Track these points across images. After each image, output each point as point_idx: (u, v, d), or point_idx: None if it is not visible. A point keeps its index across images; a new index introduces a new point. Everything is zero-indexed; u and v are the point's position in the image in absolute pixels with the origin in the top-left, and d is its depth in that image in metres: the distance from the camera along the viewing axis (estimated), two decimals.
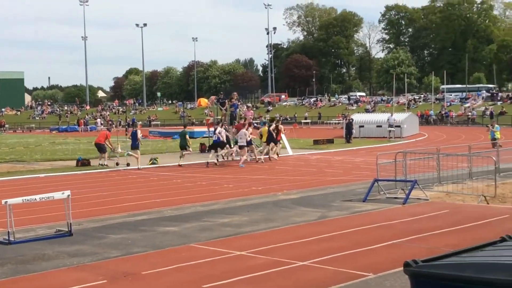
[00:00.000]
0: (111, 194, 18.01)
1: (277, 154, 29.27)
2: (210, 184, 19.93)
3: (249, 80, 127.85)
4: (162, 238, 11.57)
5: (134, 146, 26.16)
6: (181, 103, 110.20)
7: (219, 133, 27.13)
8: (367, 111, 72.26)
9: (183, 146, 27.47)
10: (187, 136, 28.07)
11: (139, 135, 26.61)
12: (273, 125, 29.05)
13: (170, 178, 21.96)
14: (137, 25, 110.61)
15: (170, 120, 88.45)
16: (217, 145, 27.11)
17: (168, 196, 17.18)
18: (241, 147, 26.76)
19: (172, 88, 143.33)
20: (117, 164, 26.66)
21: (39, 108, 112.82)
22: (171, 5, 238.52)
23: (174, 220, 13.37)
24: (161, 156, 30.41)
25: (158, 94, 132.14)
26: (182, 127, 30.10)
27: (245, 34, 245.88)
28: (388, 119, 44.98)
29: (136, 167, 25.76)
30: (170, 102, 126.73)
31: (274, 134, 28.56)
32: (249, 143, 27.09)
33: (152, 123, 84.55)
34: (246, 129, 27.04)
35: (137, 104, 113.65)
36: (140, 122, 29.49)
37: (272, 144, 28.67)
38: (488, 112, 62.86)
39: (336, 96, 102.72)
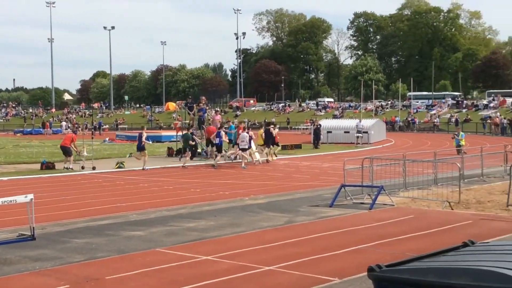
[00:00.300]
0: (75, 198, 17.75)
1: (275, 155, 31.56)
2: (177, 189, 19.80)
3: (217, 84, 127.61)
4: (127, 242, 11.43)
5: (139, 147, 27.61)
6: (149, 107, 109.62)
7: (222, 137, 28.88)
8: (335, 117, 72.76)
9: (185, 149, 29.70)
10: (190, 141, 29.82)
11: (144, 137, 27.69)
12: (271, 128, 31.55)
13: (136, 182, 21.76)
14: (105, 27, 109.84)
15: (138, 124, 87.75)
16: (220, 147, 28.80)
17: (134, 200, 17.01)
18: (243, 150, 27.99)
19: (140, 92, 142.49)
20: (82, 167, 26.33)
21: (3, 110, 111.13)
22: (139, 9, 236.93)
23: (140, 225, 13.23)
24: (128, 160, 30.12)
25: (126, 97, 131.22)
26: (186, 130, 31.82)
27: (214, 38, 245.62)
28: (356, 125, 45.30)
29: (141, 168, 26.69)
30: (138, 105, 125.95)
31: (275, 137, 31.09)
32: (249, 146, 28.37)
33: (119, 126, 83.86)
34: (246, 132, 28.68)
35: (104, 107, 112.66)
36: (145, 127, 31.39)
37: (269, 146, 30.84)
38: (453, 120, 63.81)
39: (307, 101, 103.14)
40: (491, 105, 70.70)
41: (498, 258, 2.92)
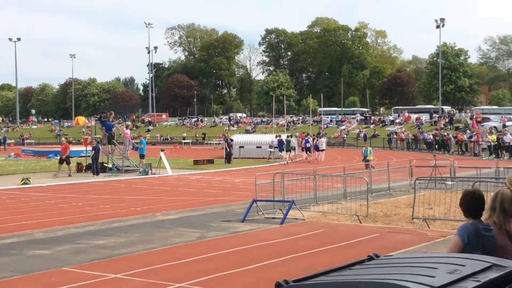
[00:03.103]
0: None
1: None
2: (86, 205, 19.30)
3: (129, 99, 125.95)
4: (32, 262, 11.01)
5: (288, 148, 41.12)
6: (57, 121, 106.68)
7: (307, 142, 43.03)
8: (247, 132, 73.25)
9: (288, 150, 41.38)
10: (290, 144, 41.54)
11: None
12: (317, 138, 44.14)
13: (42, 199, 21.03)
14: (10, 39, 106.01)
15: (45, 138, 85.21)
16: (308, 149, 43.11)
17: (40, 218, 16.42)
18: (322, 150, 42.27)
19: (48, 106, 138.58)
20: None
21: None
22: (47, 21, 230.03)
23: (46, 243, 12.77)
24: (34, 176, 29.14)
25: (33, 111, 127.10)
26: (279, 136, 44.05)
27: (125, 52, 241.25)
28: (272, 140, 45.80)
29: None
30: (46, 120, 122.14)
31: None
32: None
33: (25, 141, 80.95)
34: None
35: (8, 121, 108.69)
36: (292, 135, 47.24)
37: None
38: (362, 135, 65.62)
39: (221, 117, 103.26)
40: (397, 121, 73.25)
41: (400, 271, 3.01)
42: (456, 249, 4.71)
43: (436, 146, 52.42)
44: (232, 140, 44.55)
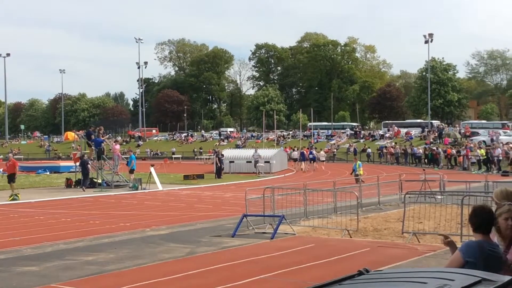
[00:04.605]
0: None
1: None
2: (76, 221, 19.17)
3: (119, 114, 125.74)
4: (20, 279, 10.89)
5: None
6: (46, 136, 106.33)
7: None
8: (237, 146, 73.23)
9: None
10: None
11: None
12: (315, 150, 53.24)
13: (31, 215, 20.88)
14: None
15: (35, 154, 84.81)
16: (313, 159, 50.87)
17: (28, 234, 16.29)
18: (323, 161, 52.46)
19: (38, 121, 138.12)
20: None
21: None
22: (36, 36, 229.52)
23: (34, 259, 12.66)
24: (23, 192, 28.92)
25: (22, 126, 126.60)
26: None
27: (115, 67, 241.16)
28: (252, 155, 45.87)
29: None
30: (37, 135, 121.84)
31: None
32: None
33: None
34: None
35: None
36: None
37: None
38: (352, 149, 65.73)
39: (211, 132, 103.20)
40: (387, 135, 73.49)
41: (390, 285, 3.00)
42: (455, 265, 4.55)
43: (426, 160, 52.58)
44: (223, 155, 44.52)
